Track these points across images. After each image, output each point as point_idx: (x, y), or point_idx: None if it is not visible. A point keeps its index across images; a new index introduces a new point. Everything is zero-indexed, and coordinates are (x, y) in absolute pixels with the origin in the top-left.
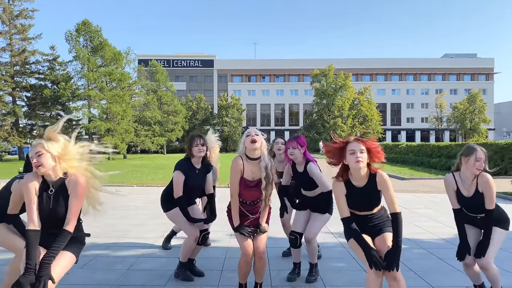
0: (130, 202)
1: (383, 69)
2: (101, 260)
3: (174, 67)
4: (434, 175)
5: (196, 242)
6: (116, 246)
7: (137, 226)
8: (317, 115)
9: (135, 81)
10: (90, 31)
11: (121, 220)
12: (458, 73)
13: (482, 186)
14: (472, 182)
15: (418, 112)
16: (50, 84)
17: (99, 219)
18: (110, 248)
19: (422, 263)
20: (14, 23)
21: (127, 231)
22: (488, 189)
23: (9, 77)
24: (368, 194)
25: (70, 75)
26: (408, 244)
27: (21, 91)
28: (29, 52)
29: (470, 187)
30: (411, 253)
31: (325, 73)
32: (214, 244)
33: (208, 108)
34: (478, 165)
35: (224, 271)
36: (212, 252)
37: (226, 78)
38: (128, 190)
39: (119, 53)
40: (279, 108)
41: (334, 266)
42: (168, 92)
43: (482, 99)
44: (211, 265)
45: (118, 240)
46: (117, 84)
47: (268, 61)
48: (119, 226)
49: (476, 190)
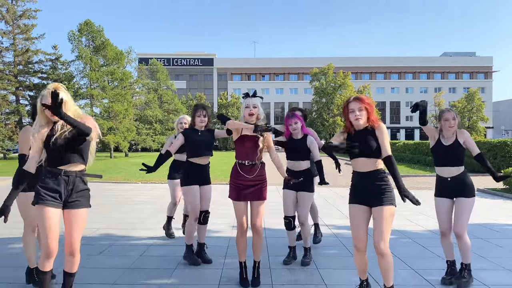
0: (135, 198)
1: (383, 68)
2: (116, 248)
3: (174, 65)
4: (429, 173)
5: (196, 221)
6: (128, 236)
7: (145, 219)
8: (317, 113)
9: (137, 80)
10: (92, 31)
11: (130, 214)
12: (457, 71)
13: (464, 139)
14: (452, 135)
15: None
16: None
17: (110, 213)
18: (123, 238)
19: (406, 250)
20: (18, 23)
21: (136, 223)
22: (470, 140)
23: (12, 77)
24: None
25: (72, 75)
26: (396, 234)
27: (24, 90)
28: (32, 51)
29: (449, 139)
30: (398, 242)
31: (324, 71)
32: (218, 234)
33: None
34: (447, 124)
35: (227, 257)
36: (216, 241)
37: (226, 76)
38: (132, 187)
39: (120, 52)
40: (278, 106)
41: (327, 253)
42: (168, 91)
43: (480, 98)
44: (216, 252)
45: (129, 231)
46: (119, 83)
47: (268, 59)
48: (128, 219)
49: (456, 140)
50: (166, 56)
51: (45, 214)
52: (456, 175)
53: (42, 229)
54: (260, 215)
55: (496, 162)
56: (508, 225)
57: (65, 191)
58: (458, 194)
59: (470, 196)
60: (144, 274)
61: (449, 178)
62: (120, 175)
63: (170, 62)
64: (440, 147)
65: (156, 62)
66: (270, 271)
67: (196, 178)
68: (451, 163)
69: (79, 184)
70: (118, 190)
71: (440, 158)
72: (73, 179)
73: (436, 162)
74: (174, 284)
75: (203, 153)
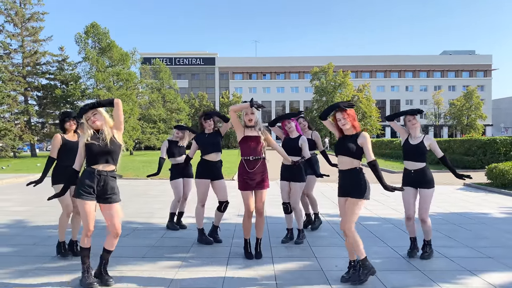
0: (148, 192)
1: (383, 66)
2: (139, 231)
3: (176, 65)
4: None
5: (203, 207)
6: (147, 223)
7: (159, 209)
8: (317, 112)
9: (141, 80)
10: (98, 33)
11: (145, 205)
12: (456, 69)
13: (429, 142)
14: (419, 137)
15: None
16: (60, 84)
17: (128, 205)
18: (143, 224)
19: (386, 233)
20: (26, 26)
21: (153, 213)
22: (434, 145)
23: (21, 78)
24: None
25: (78, 75)
26: (381, 221)
27: (32, 90)
28: (40, 53)
29: (416, 139)
30: (381, 227)
31: (324, 70)
32: (225, 221)
33: (211, 105)
34: (410, 124)
35: (234, 238)
36: (224, 226)
37: (228, 75)
38: (142, 183)
39: (126, 54)
40: (279, 105)
41: (319, 234)
42: (171, 90)
43: (479, 96)
44: (224, 234)
45: (147, 219)
46: (124, 83)
47: (269, 58)
48: (145, 209)
49: (422, 142)
50: (168, 55)
51: (83, 206)
52: (418, 168)
53: (82, 215)
54: (262, 200)
55: (486, 158)
56: (481, 213)
57: (97, 187)
58: (420, 185)
59: (430, 187)
60: (167, 250)
61: (412, 171)
62: (129, 172)
63: (172, 62)
64: (408, 145)
65: (159, 62)
66: (270, 248)
67: (208, 174)
68: (415, 159)
69: (109, 181)
70: (131, 186)
71: (407, 154)
72: (104, 178)
73: (404, 157)
74: (192, 257)
75: (210, 151)
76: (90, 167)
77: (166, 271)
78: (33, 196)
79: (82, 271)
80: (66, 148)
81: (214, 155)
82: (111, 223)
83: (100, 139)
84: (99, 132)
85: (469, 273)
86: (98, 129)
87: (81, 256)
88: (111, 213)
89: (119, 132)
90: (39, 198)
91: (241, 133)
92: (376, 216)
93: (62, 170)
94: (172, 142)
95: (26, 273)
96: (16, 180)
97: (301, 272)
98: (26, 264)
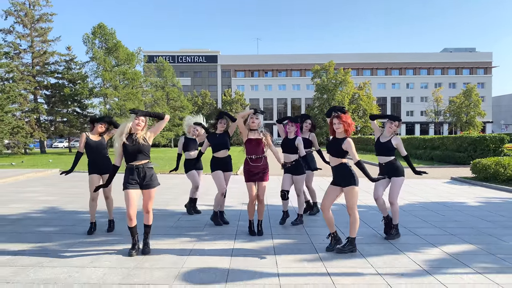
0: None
1: (383, 64)
2: (157, 216)
3: (179, 63)
4: (415, 165)
5: (223, 195)
6: (164, 209)
7: (173, 199)
8: (318, 109)
9: (146, 79)
10: (105, 33)
11: (160, 196)
12: (457, 67)
13: (396, 142)
14: (388, 137)
15: (418, 106)
16: (68, 83)
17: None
18: (160, 211)
19: (370, 218)
20: (35, 27)
21: (168, 202)
22: (400, 144)
23: (31, 77)
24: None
25: (85, 74)
26: (367, 208)
27: (41, 89)
28: (49, 53)
29: (385, 138)
30: (366, 213)
31: (325, 68)
32: (231, 208)
33: (213, 103)
34: (391, 129)
35: (240, 221)
36: (230, 212)
37: (230, 73)
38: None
39: (132, 53)
40: (281, 102)
41: (313, 218)
42: (174, 88)
43: (478, 93)
44: (231, 218)
45: (164, 206)
46: (129, 82)
47: (271, 56)
48: (161, 199)
49: (389, 141)
50: (171, 53)
51: (128, 195)
52: (388, 161)
53: (126, 202)
54: (263, 191)
55: (476, 155)
56: (459, 203)
57: (139, 178)
58: (391, 174)
59: (399, 176)
60: (184, 230)
61: (383, 164)
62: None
63: (175, 59)
64: (378, 143)
65: (163, 60)
66: (270, 228)
67: (220, 167)
68: (384, 154)
69: (147, 171)
70: None
71: (377, 150)
72: (142, 169)
73: (376, 153)
74: (206, 234)
75: (220, 149)
76: (129, 163)
77: (185, 244)
78: (57, 187)
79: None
80: (88, 146)
81: (222, 152)
82: (144, 203)
83: (133, 140)
84: (132, 134)
85: (431, 245)
86: (134, 132)
87: (130, 233)
88: (149, 195)
89: (153, 135)
90: (61, 189)
91: (245, 136)
92: (364, 204)
93: (89, 163)
94: (188, 138)
95: (72, 245)
96: (36, 174)
97: (295, 245)
98: (71, 239)
